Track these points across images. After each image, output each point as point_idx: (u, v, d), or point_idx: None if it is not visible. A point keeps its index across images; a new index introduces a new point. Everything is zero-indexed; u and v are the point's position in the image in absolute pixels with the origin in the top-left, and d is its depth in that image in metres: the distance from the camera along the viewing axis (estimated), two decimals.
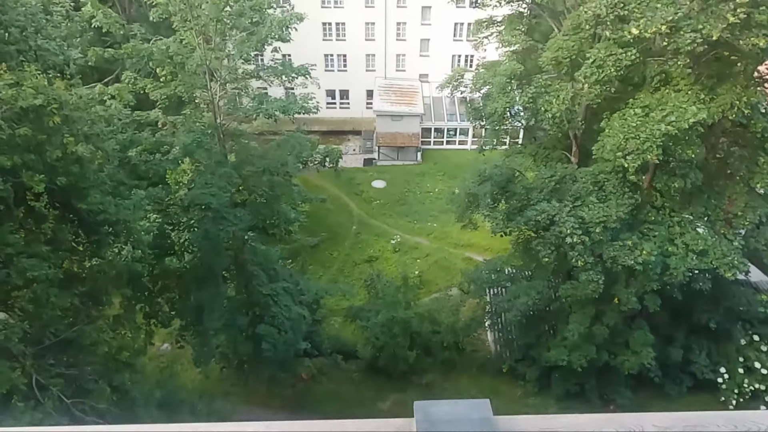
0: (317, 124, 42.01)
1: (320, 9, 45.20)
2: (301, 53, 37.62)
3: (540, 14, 24.14)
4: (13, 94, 10.69)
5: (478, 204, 22.88)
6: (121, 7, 31.11)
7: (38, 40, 12.55)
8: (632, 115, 17.37)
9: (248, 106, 21.63)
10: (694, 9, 15.78)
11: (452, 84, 25.45)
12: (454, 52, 47.46)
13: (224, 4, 19.18)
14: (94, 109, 15.78)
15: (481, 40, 25.33)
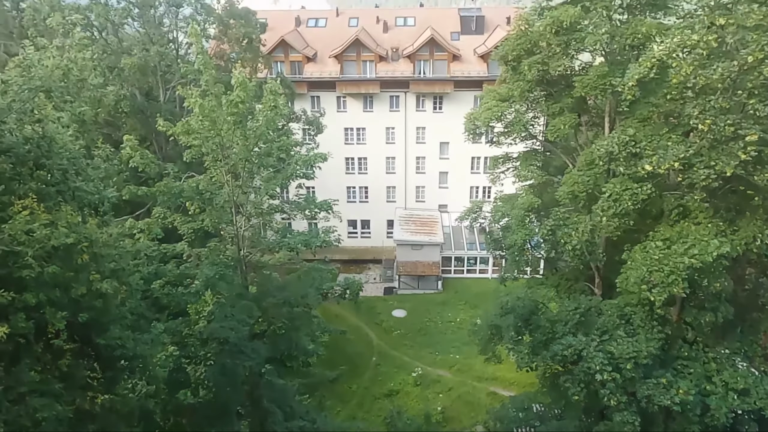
0: (338, 253, 42.57)
1: (344, 145, 47.84)
2: (325, 185, 39.34)
3: (553, 150, 25.09)
4: (47, 233, 11.13)
5: (502, 336, 22.23)
6: (158, 146, 33.21)
7: (77, 182, 13.27)
8: (654, 248, 17.25)
9: (271, 239, 22.16)
10: (705, 146, 16.27)
11: (471, 216, 25.94)
12: (472, 184, 49.04)
13: (254, 145, 20.42)
14: (122, 243, 16.30)
15: (497, 175, 26.20)
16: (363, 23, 49.32)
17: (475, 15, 48.87)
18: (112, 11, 31.88)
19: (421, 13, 52.77)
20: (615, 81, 18.58)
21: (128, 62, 29.34)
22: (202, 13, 34.14)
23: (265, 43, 39.86)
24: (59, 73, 13.06)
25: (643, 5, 19.81)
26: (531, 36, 21.04)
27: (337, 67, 46.45)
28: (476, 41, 47.13)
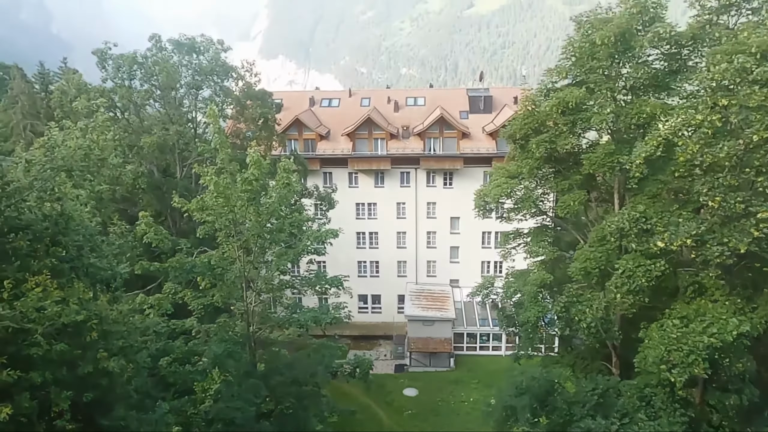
0: (348, 329, 41.93)
1: (355, 220, 48.25)
2: (336, 260, 39.35)
3: (564, 226, 25.13)
4: (58, 311, 11.15)
5: (517, 418, 21.38)
6: (172, 221, 33.73)
7: (92, 258, 13.42)
8: (671, 326, 16.87)
9: (281, 316, 21.97)
10: (717, 223, 16.24)
11: (483, 292, 25.68)
12: (483, 259, 48.83)
13: (266, 221, 20.70)
14: (131, 320, 16.24)
15: (509, 250, 26.17)
16: (375, 103, 51.06)
17: (483, 95, 50.50)
18: (135, 93, 33.40)
19: (431, 93, 54.67)
20: (622, 159, 18.87)
21: (148, 141, 30.41)
22: (221, 95, 35.65)
23: (280, 122, 41.25)
24: (81, 153, 13.57)
25: (646, 86, 20.42)
26: (538, 116, 21.63)
27: (349, 144, 47.70)
28: (484, 120, 48.44)
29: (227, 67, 35.14)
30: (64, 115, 29.61)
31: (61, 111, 30.80)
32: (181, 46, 34.01)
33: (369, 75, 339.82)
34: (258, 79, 37.73)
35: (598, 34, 19.11)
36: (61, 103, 31.35)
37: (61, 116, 29.77)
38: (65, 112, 30.52)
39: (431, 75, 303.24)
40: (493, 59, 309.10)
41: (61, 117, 29.37)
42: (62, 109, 31.10)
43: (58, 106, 32.37)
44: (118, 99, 32.57)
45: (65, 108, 31.20)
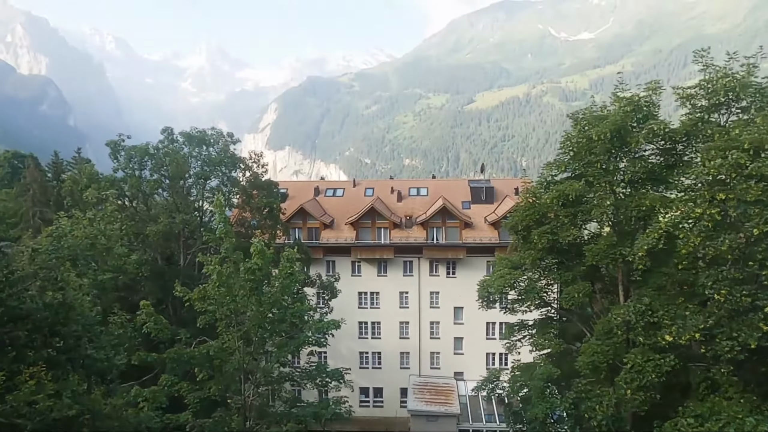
0: (349, 424, 40.09)
1: (357, 309, 47.68)
2: (337, 351, 38.53)
3: (569, 318, 24.76)
4: (50, 405, 10.81)
5: None
6: (173, 309, 33.39)
7: (89, 349, 13.19)
8: (686, 426, 16.14)
9: (280, 410, 21.17)
10: (724, 317, 16.00)
11: (488, 386, 24.88)
12: (488, 350, 47.68)
13: (268, 311, 20.47)
14: (124, 414, 15.67)
15: (514, 343, 25.63)
16: (378, 193, 52.08)
17: (484, 186, 51.55)
18: (145, 183, 34.27)
19: (434, 184, 55.88)
20: (625, 251, 18.92)
21: (154, 229, 30.80)
22: (228, 185, 36.54)
23: (285, 211, 41.92)
24: (87, 242, 13.72)
25: (644, 180, 20.84)
26: (539, 207, 21.95)
27: (352, 233, 48.13)
28: (486, 210, 49.14)
29: (235, 158, 36.26)
30: (74, 204, 30.23)
31: (71, 199, 31.48)
32: (192, 138, 35.30)
33: (373, 165, 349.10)
34: (265, 170, 38.78)
35: (594, 130, 19.80)
36: (72, 192, 32.09)
37: (71, 204, 30.39)
38: (75, 201, 31.17)
39: (434, 166, 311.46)
40: (493, 151, 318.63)
41: (71, 205, 29.97)
42: (72, 197, 31.79)
43: (68, 195, 33.12)
44: (128, 188, 33.37)
45: (75, 196, 31.89)
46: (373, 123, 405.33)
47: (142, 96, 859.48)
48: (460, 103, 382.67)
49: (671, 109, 48.70)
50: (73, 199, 31.25)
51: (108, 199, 23.49)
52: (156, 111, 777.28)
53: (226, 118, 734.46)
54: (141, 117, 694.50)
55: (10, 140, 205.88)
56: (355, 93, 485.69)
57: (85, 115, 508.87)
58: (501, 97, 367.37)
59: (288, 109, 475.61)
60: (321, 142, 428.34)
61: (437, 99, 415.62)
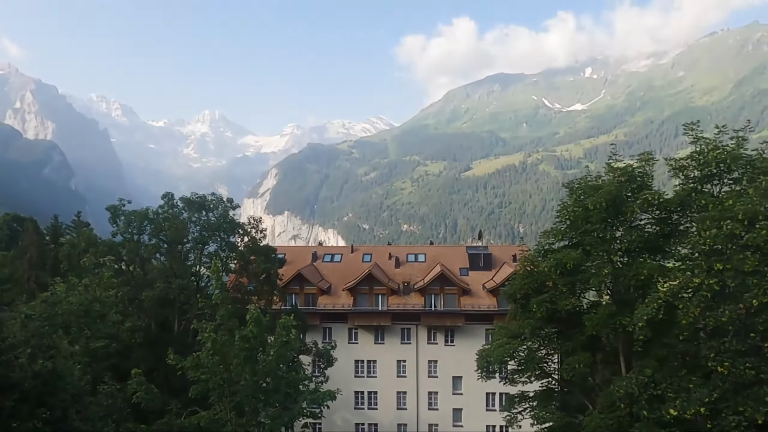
0: None
1: (354, 378, 46.50)
2: (332, 422, 37.24)
3: (571, 389, 24.14)
4: None
5: None
6: (164, 377, 32.46)
7: (77, 420, 12.77)
8: None
9: None
10: (729, 390, 15.64)
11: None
12: (488, 422, 46.11)
13: (262, 380, 19.97)
14: None
15: (514, 415, 24.86)
16: (376, 259, 51.97)
17: (482, 253, 51.56)
18: (143, 247, 34.25)
19: (431, 250, 55.90)
20: (625, 320, 18.73)
21: (149, 295, 30.51)
22: (226, 250, 36.52)
23: (282, 276, 41.67)
24: (82, 309, 13.56)
25: (641, 249, 20.92)
26: (537, 276, 21.88)
27: (350, 299, 47.65)
28: (484, 277, 48.92)
29: (234, 223, 36.45)
30: (71, 268, 30.07)
31: (69, 263, 31.34)
32: (191, 203, 35.61)
33: (371, 231, 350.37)
34: (263, 235, 38.89)
35: (590, 200, 20.07)
36: (69, 256, 32.00)
37: (68, 268, 30.21)
38: (72, 265, 31.03)
39: (431, 232, 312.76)
40: (491, 218, 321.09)
41: (67, 269, 29.80)
42: (70, 261, 31.66)
43: (65, 259, 32.99)
44: (126, 252, 33.32)
45: (73, 260, 31.77)
46: (372, 189, 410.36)
47: (145, 161, 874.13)
48: (457, 171, 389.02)
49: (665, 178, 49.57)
50: (71, 264, 31.12)
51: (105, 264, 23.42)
52: (157, 176, 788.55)
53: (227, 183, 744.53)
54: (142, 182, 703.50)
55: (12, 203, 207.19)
56: (355, 160, 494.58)
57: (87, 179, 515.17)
58: (497, 165, 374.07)
59: (288, 174, 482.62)
60: (320, 207, 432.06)
61: (435, 166, 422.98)
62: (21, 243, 52.82)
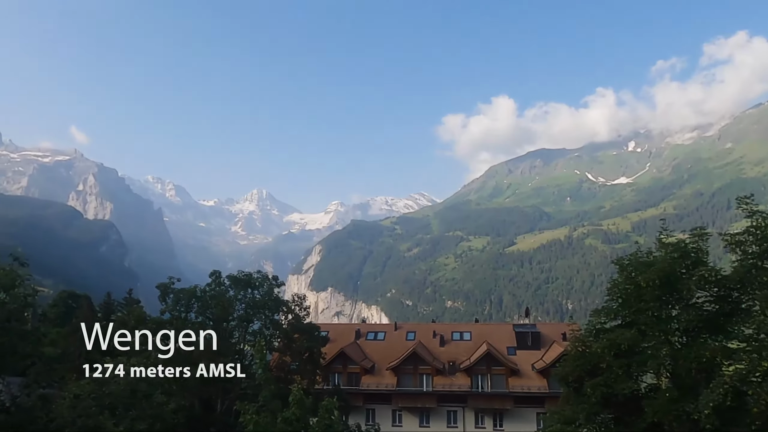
0: None
1: None
2: None
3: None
4: None
5: None
6: None
7: None
8: None
9: None
10: None
11: None
12: None
13: None
14: None
15: None
16: (420, 337, 50.97)
17: (530, 331, 49.92)
18: (189, 325, 34.62)
19: (477, 328, 54.52)
20: (688, 407, 17.42)
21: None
22: (270, 327, 36.58)
23: (325, 355, 41.19)
24: (128, 389, 13.66)
25: (701, 328, 19.80)
26: (590, 357, 20.86)
27: (393, 379, 46.45)
28: (533, 356, 47.06)
29: (279, 301, 36.70)
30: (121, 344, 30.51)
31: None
32: (238, 281, 36.21)
33: (414, 307, 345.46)
34: (307, 312, 38.91)
35: (642, 277, 19.34)
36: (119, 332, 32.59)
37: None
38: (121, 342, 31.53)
39: (476, 308, 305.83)
40: (537, 294, 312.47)
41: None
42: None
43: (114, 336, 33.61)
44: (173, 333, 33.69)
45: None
46: (415, 265, 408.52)
47: (195, 239, 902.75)
48: (501, 246, 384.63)
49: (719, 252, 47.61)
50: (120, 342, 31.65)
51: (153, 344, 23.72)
52: (207, 253, 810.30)
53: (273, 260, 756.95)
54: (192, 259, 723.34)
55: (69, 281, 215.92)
56: (398, 236, 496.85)
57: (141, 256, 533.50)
58: (542, 240, 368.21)
59: (332, 251, 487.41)
60: (363, 283, 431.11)
61: (478, 241, 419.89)
62: (74, 320, 54.37)
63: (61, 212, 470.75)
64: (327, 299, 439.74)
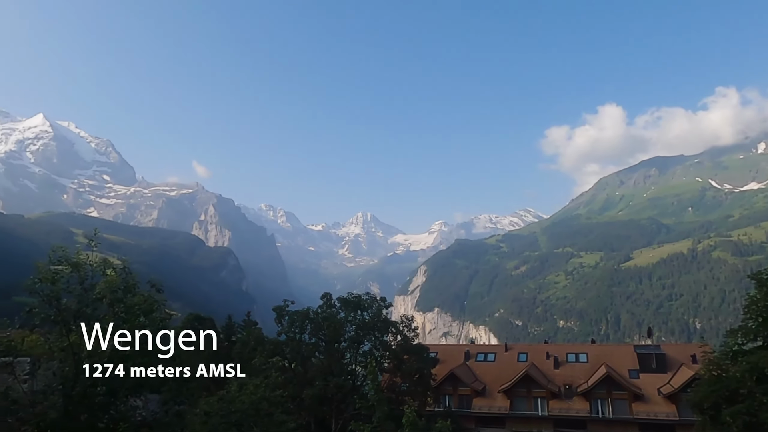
0: None
1: None
2: None
3: None
4: None
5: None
6: None
7: None
8: None
9: None
10: None
11: None
12: None
13: None
14: None
15: None
16: (532, 358, 49.16)
17: (654, 352, 46.43)
18: (304, 346, 36.07)
19: (594, 349, 51.63)
20: None
21: (309, 393, 31.63)
22: (380, 348, 37.07)
23: (435, 376, 40.94)
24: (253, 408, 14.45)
25: None
26: (727, 382, 19.07)
27: (506, 402, 45.06)
28: (659, 380, 43.62)
29: (388, 322, 37.18)
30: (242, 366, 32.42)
31: (240, 361, 33.84)
32: (348, 303, 37.19)
33: (524, 327, 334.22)
34: (415, 333, 39.02)
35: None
36: (241, 354, 34.64)
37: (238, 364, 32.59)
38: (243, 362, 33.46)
39: (591, 328, 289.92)
40: (659, 312, 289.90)
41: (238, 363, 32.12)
42: (241, 359, 34.19)
43: (237, 357, 35.72)
44: (288, 351, 35.30)
45: (243, 358, 34.31)
46: (523, 283, 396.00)
47: (305, 263, 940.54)
48: (615, 261, 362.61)
49: None
50: (241, 361, 33.59)
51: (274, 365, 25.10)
52: (316, 276, 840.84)
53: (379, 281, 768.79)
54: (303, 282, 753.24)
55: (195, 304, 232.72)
56: (504, 254, 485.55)
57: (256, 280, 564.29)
58: (662, 254, 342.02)
59: (437, 271, 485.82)
60: (470, 303, 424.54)
61: (590, 257, 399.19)
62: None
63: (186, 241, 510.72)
64: (434, 320, 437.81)
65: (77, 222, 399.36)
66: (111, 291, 16.39)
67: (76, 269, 16.78)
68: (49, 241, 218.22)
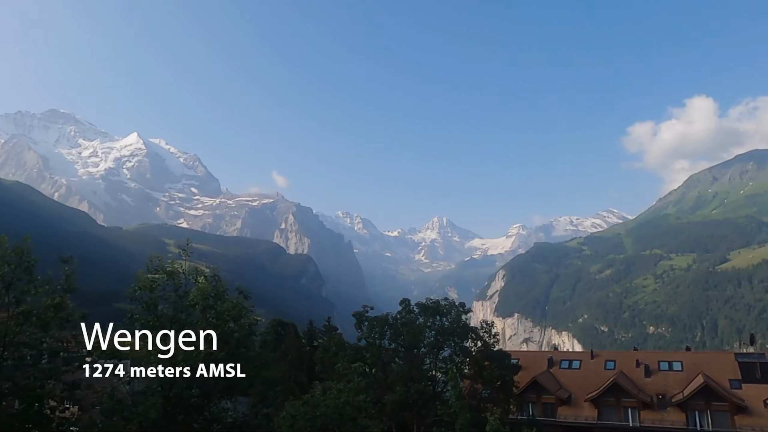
0: None
1: None
2: None
3: None
4: None
5: None
6: None
7: None
8: None
9: None
10: None
11: None
12: None
13: None
14: None
15: None
16: (621, 366, 46.96)
17: (758, 361, 43.07)
18: (384, 351, 36.41)
19: (689, 357, 48.57)
20: None
21: (390, 398, 31.88)
22: (460, 354, 36.75)
23: (517, 383, 40.06)
24: (337, 413, 14.80)
25: None
26: None
27: (593, 411, 43.28)
28: (764, 391, 40.36)
29: (467, 328, 36.83)
30: (324, 369, 33.25)
31: (322, 365, 34.73)
32: (426, 309, 37.19)
33: (610, 334, 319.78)
34: (496, 339, 38.41)
35: None
36: (323, 359, 35.53)
37: (320, 370, 33.40)
38: (325, 367, 34.34)
39: (685, 334, 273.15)
40: (762, 318, 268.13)
41: (320, 371, 32.94)
42: (323, 363, 35.09)
43: (319, 361, 36.69)
44: (369, 357, 35.76)
45: (325, 362, 35.19)
46: (608, 287, 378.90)
47: (382, 269, 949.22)
48: (710, 263, 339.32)
49: None
50: (324, 365, 34.49)
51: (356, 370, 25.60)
52: (393, 281, 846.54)
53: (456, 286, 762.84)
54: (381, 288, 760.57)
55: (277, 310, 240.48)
56: (586, 257, 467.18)
57: (335, 286, 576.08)
58: (764, 255, 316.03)
59: (516, 275, 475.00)
60: (551, 308, 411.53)
61: (681, 260, 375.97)
62: (284, 345, 60.38)
63: (268, 249, 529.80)
64: (514, 325, 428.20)
65: (169, 233, 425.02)
66: (203, 298, 17.35)
67: (170, 278, 17.92)
68: (144, 251, 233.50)
